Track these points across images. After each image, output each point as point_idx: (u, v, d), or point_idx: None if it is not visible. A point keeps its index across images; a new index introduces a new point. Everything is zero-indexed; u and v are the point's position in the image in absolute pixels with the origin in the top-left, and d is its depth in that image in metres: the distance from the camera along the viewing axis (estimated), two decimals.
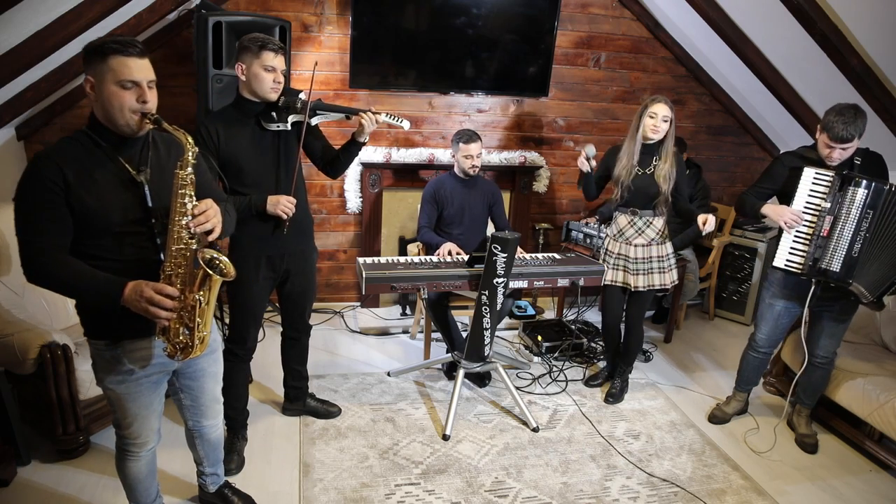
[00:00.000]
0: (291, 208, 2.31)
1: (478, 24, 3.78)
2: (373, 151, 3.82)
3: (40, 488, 2.33)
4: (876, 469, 2.79)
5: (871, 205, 2.41)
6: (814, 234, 2.51)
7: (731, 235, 4.35)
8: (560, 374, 3.44)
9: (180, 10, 3.29)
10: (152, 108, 1.58)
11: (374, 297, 4.19)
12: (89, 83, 1.54)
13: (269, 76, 2.22)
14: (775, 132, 4.42)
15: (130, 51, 1.52)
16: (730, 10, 3.47)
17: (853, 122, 2.37)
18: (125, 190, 1.60)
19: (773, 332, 2.85)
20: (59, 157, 1.53)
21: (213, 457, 2.17)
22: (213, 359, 1.96)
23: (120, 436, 1.85)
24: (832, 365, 2.83)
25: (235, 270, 1.67)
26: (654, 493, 2.52)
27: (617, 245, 3.00)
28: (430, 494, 2.43)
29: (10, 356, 2.31)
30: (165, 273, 1.59)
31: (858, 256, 2.45)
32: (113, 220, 1.57)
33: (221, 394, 2.08)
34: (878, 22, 2.79)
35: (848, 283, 2.49)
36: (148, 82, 1.56)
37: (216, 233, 1.64)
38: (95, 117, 1.59)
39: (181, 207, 1.57)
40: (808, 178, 2.51)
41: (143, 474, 1.94)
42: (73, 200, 1.53)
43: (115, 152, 1.60)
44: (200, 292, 1.61)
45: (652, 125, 2.78)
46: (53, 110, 3.40)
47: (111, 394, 1.75)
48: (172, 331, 1.63)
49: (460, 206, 3.36)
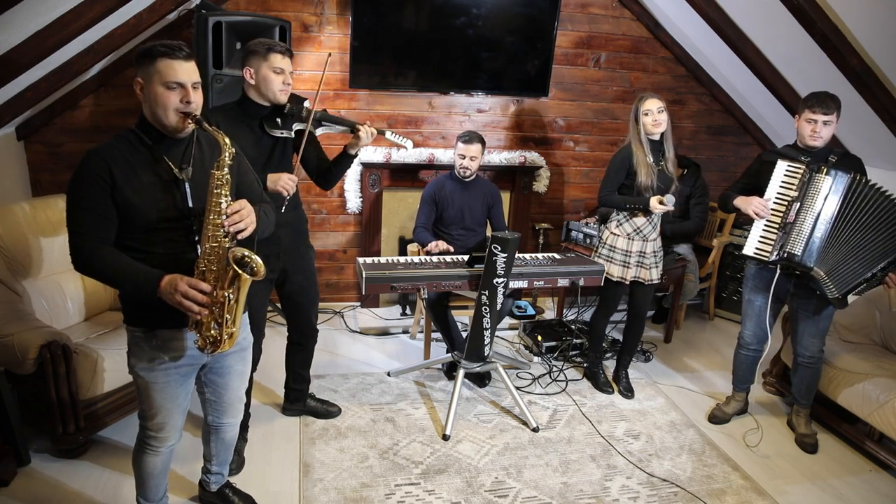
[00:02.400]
0: (293, 185, 2.30)
1: (478, 24, 3.78)
2: (373, 151, 3.82)
3: (40, 488, 2.33)
4: (876, 469, 2.79)
5: (835, 192, 2.50)
6: (781, 222, 2.60)
7: (731, 235, 4.35)
8: (560, 374, 3.44)
9: (180, 10, 3.29)
10: (196, 109, 1.66)
11: (374, 297, 4.18)
12: (139, 84, 1.63)
13: (278, 78, 2.23)
14: (775, 132, 4.42)
15: (177, 54, 1.61)
16: (730, 10, 3.47)
17: (830, 97, 2.54)
18: (167, 188, 1.68)
19: (756, 328, 2.87)
20: (107, 154, 1.62)
21: (223, 456, 2.19)
22: (242, 357, 1.99)
23: (143, 427, 1.89)
24: (819, 364, 2.85)
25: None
26: (654, 493, 2.52)
27: (634, 243, 3.01)
28: (430, 494, 2.43)
29: (10, 356, 2.31)
30: (199, 269, 1.66)
31: (822, 242, 2.54)
32: (153, 217, 1.65)
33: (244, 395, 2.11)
34: (878, 22, 2.79)
35: (809, 267, 2.56)
36: (192, 84, 1.64)
37: (248, 232, 1.71)
38: (144, 117, 1.67)
39: (216, 206, 1.64)
40: (781, 170, 2.61)
41: (158, 470, 1.97)
42: (118, 196, 1.62)
43: (160, 151, 1.68)
44: (230, 290, 1.66)
45: (652, 121, 2.82)
46: (53, 110, 3.40)
47: (140, 381, 1.80)
48: (205, 325, 1.69)
49: (459, 207, 3.37)
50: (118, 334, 2.67)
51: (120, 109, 3.53)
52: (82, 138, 3.50)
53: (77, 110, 3.50)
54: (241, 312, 1.75)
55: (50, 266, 2.77)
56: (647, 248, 3.01)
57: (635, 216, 2.97)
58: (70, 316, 2.83)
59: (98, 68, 3.33)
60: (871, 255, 2.50)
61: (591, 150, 4.36)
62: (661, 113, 2.82)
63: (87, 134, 3.51)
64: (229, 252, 1.65)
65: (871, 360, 2.94)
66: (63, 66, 2.94)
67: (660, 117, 2.82)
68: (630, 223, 3.00)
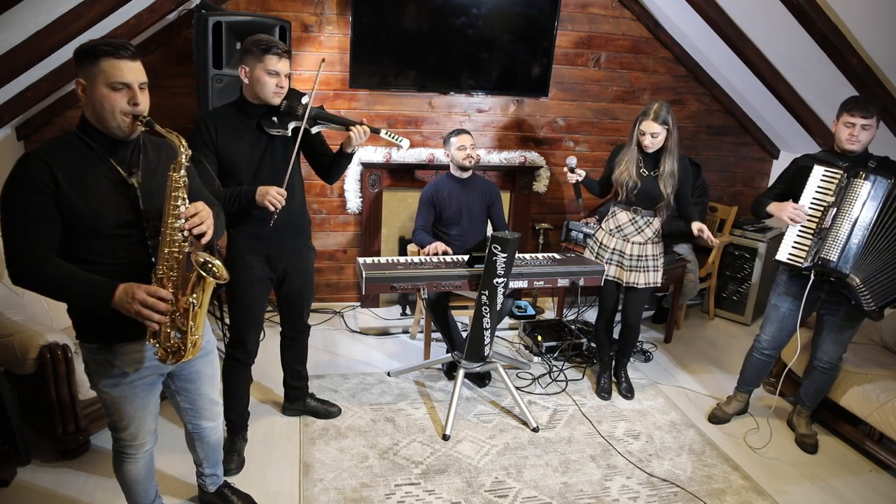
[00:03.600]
0: (280, 200, 2.20)
1: (478, 24, 3.78)
2: (373, 151, 3.81)
3: (40, 488, 2.33)
4: (876, 469, 2.79)
5: (873, 198, 2.43)
6: (817, 227, 2.53)
7: (731, 235, 4.35)
8: (560, 374, 3.44)
9: (180, 10, 3.29)
10: (144, 111, 1.57)
11: (374, 297, 4.18)
12: (80, 85, 1.53)
13: (272, 80, 2.19)
14: (775, 132, 4.42)
15: (122, 53, 1.51)
16: (730, 10, 3.47)
17: (870, 100, 2.47)
18: (117, 193, 1.59)
19: (777, 334, 2.84)
20: (49, 157, 1.52)
21: (212, 458, 2.17)
22: (209, 361, 1.94)
23: (116, 439, 1.84)
24: (836, 371, 2.82)
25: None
26: (654, 493, 2.52)
27: (613, 240, 3.01)
28: (430, 494, 2.43)
29: (10, 356, 2.31)
30: (157, 276, 1.58)
31: (859, 249, 2.46)
32: (104, 223, 1.56)
33: (220, 395, 2.07)
34: (878, 22, 2.79)
35: (845, 274, 2.49)
36: (139, 84, 1.55)
37: (208, 235, 1.63)
38: (86, 120, 1.58)
39: (174, 210, 1.57)
40: (818, 175, 2.55)
41: (142, 476, 1.93)
42: (63, 202, 1.51)
43: (107, 155, 1.60)
44: (193, 295, 1.59)
45: (644, 141, 2.82)
46: (53, 110, 3.40)
47: (106, 397, 1.74)
48: (163, 335, 1.61)
49: (458, 207, 3.36)
50: None
51: None
52: None
53: (77, 110, 3.49)
54: (205, 318, 1.67)
55: None
56: (626, 249, 2.97)
57: (619, 213, 2.98)
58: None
59: None
60: None
61: (591, 150, 4.35)
62: (655, 138, 2.78)
63: None
64: (192, 256, 1.57)
65: (871, 360, 2.95)
66: (63, 66, 2.94)
67: (652, 142, 2.79)
68: (614, 219, 3.01)
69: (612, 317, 3.22)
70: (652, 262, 2.99)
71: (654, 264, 3.00)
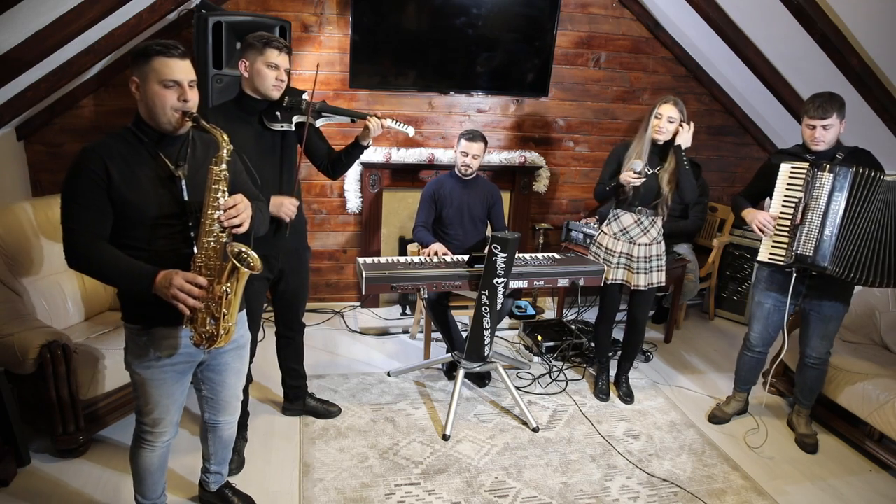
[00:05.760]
0: (294, 210, 2.31)
1: (478, 24, 3.78)
2: (373, 151, 3.81)
3: (40, 488, 2.33)
4: (876, 469, 2.79)
5: (839, 189, 2.46)
6: (791, 224, 2.57)
7: (731, 235, 4.35)
8: (560, 374, 3.44)
9: (180, 10, 3.29)
10: (193, 107, 1.67)
11: (374, 297, 4.18)
12: (135, 83, 1.64)
13: (271, 73, 2.21)
14: (775, 132, 4.42)
15: (172, 52, 1.62)
16: (730, 10, 3.47)
17: (828, 100, 2.49)
18: (163, 185, 1.69)
19: (764, 330, 2.86)
20: (103, 150, 1.63)
21: (221, 455, 2.19)
22: (239, 355, 2.00)
23: (139, 422, 1.90)
24: (826, 366, 2.84)
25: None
26: (654, 493, 2.52)
27: (619, 244, 3.00)
28: (430, 494, 2.43)
29: (10, 356, 2.31)
30: (196, 264, 1.67)
31: (833, 241, 2.49)
32: (149, 213, 1.66)
33: (242, 392, 2.11)
34: (878, 22, 2.79)
35: (823, 267, 2.52)
36: (189, 82, 1.65)
37: (244, 227, 1.72)
38: (140, 116, 1.68)
39: (214, 202, 1.66)
40: (785, 172, 2.60)
41: (155, 466, 1.97)
42: (114, 194, 1.63)
43: (157, 149, 1.70)
44: (228, 284, 1.67)
45: (656, 125, 2.80)
46: (53, 110, 3.40)
47: (137, 378, 1.81)
48: (199, 320, 1.69)
49: (459, 206, 3.36)
50: (118, 334, 2.68)
51: (120, 109, 3.53)
52: (82, 138, 3.50)
53: (77, 110, 3.50)
54: (238, 307, 1.76)
55: (50, 266, 2.77)
56: (634, 252, 2.96)
57: (623, 216, 2.97)
58: (70, 316, 2.83)
59: (98, 68, 3.33)
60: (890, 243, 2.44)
61: (591, 150, 4.36)
62: (670, 123, 2.77)
63: (87, 134, 3.51)
64: (227, 247, 1.67)
65: (871, 360, 2.95)
66: (63, 66, 2.94)
67: (665, 126, 2.77)
68: (617, 222, 2.99)
69: (613, 320, 3.21)
70: (657, 262, 3.00)
71: (659, 264, 3.01)
